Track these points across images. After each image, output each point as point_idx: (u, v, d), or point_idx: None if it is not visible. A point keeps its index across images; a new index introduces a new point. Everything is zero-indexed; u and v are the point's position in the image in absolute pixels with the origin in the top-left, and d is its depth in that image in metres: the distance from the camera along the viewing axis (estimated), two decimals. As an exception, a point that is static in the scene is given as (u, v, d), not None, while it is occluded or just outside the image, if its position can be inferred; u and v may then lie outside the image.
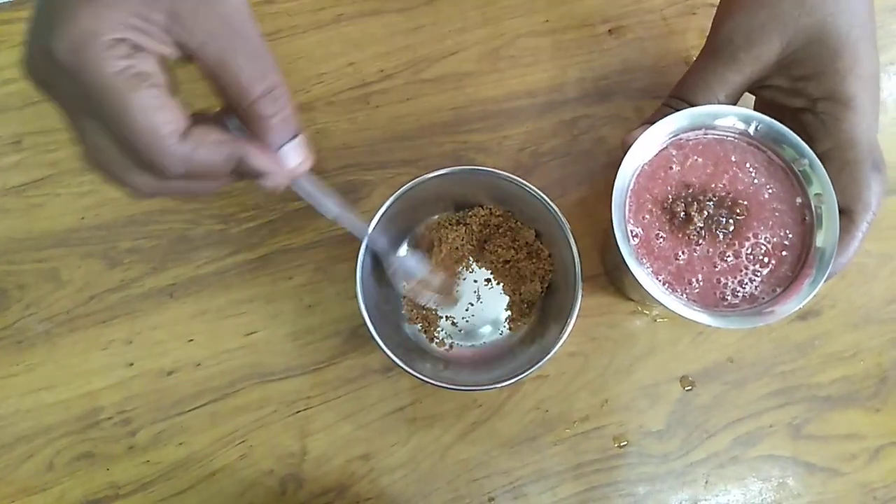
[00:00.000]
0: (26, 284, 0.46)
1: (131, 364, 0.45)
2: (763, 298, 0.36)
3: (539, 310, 0.45)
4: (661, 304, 0.35)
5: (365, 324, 0.38)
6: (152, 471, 0.44)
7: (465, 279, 0.46)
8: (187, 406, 0.45)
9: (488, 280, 0.46)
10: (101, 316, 0.46)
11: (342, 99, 0.49)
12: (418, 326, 0.45)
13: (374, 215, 0.39)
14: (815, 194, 0.36)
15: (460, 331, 0.45)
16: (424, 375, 0.39)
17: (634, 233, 0.37)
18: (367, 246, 0.40)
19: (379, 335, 0.39)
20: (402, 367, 0.39)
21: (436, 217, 0.47)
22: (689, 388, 0.46)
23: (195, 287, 0.46)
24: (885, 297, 0.48)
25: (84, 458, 0.44)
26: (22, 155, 0.47)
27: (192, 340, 0.45)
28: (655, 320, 0.47)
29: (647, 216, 0.37)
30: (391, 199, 0.40)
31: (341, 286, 0.46)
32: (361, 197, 0.48)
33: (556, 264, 0.45)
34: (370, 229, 0.39)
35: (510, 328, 0.45)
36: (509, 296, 0.45)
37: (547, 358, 0.38)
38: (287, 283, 0.46)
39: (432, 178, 0.40)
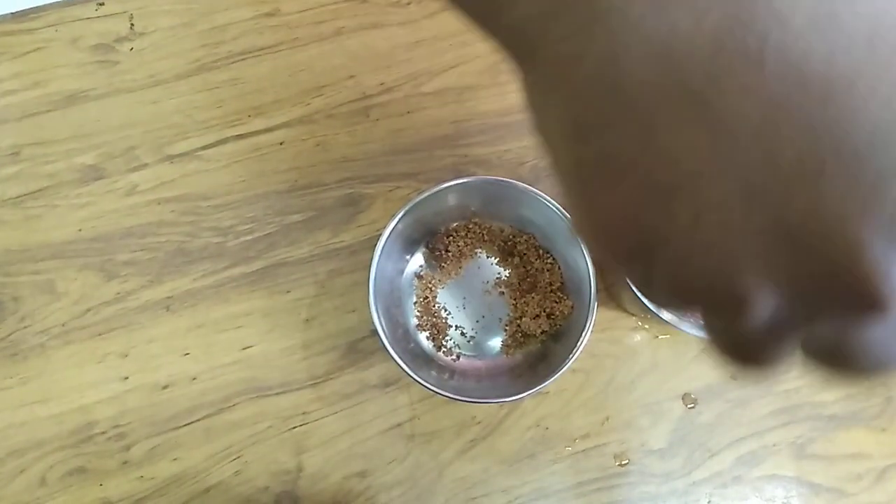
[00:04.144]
0: (22, 296, 0.45)
1: (126, 378, 0.45)
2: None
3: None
4: (661, 319, 0.35)
5: (374, 327, 0.38)
6: (146, 486, 0.43)
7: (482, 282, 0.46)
8: (182, 421, 0.44)
9: (502, 293, 0.45)
10: (97, 329, 0.45)
11: (342, 112, 0.49)
12: (427, 334, 0.45)
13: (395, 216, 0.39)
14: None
15: (469, 341, 0.45)
16: (429, 383, 0.38)
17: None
18: (383, 245, 0.39)
19: (387, 340, 0.39)
20: (406, 371, 0.38)
21: (454, 224, 0.46)
22: (692, 405, 0.45)
23: (192, 300, 0.46)
24: (890, 315, 0.47)
25: (77, 472, 0.43)
26: (20, 166, 0.47)
27: (187, 354, 0.45)
28: (657, 337, 0.46)
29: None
30: (408, 205, 0.40)
31: (339, 300, 0.46)
32: (361, 210, 0.47)
33: (566, 282, 0.44)
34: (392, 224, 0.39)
35: (505, 353, 0.45)
36: (510, 316, 0.45)
37: (556, 376, 0.38)
38: (284, 296, 0.46)
39: (454, 185, 0.41)
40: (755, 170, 0.12)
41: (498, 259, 0.46)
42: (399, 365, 0.38)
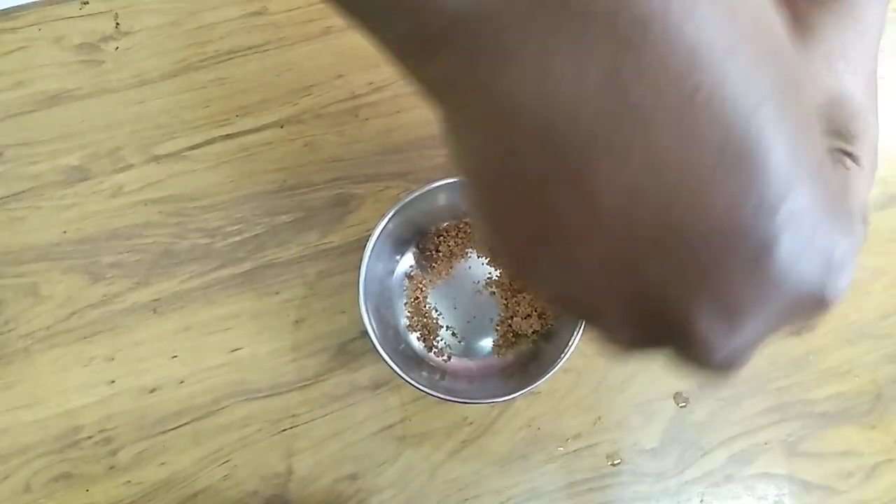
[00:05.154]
0: (5, 299, 0.45)
1: (112, 381, 0.44)
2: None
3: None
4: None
5: (364, 328, 0.38)
6: (133, 492, 0.43)
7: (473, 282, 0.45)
8: (170, 425, 0.43)
9: (493, 293, 0.45)
10: (83, 332, 0.44)
11: (331, 111, 0.49)
12: (417, 334, 0.44)
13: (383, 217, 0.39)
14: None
15: (460, 342, 0.45)
16: (420, 384, 0.38)
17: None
18: (373, 246, 0.39)
19: (377, 341, 0.38)
20: (398, 373, 0.38)
21: (445, 224, 0.46)
22: (684, 404, 0.45)
23: (179, 302, 0.45)
24: (880, 312, 0.48)
25: (62, 478, 0.43)
26: (3, 167, 0.46)
27: (175, 357, 0.44)
28: (648, 336, 0.46)
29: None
30: (398, 205, 0.40)
31: (329, 301, 0.46)
32: (350, 210, 0.47)
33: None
34: (379, 229, 0.38)
35: (497, 353, 0.44)
36: (502, 316, 0.45)
37: (547, 376, 0.38)
38: (273, 298, 0.45)
39: (444, 185, 0.41)
40: (618, 241, 0.15)
41: (489, 259, 0.46)
42: (390, 366, 0.38)
